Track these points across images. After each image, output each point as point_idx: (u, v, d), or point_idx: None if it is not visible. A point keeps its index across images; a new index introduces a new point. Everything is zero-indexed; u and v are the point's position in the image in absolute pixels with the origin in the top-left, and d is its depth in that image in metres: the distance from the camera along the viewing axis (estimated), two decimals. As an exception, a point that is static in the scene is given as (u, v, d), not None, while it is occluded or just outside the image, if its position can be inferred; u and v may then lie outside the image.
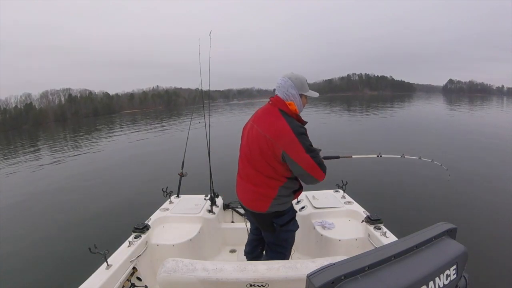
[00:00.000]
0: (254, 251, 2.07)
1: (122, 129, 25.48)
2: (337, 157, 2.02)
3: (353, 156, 2.08)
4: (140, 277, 1.97)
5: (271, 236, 1.77)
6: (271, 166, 1.57)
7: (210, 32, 2.73)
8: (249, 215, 1.89)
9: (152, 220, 2.37)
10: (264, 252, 2.03)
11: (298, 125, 1.56)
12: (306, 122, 1.67)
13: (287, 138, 1.50)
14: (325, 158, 1.81)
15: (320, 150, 1.72)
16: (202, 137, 2.87)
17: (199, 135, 3.11)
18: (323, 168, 1.56)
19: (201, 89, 3.03)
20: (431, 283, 0.79)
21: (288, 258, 1.90)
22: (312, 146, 1.57)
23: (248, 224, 2.68)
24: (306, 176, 1.57)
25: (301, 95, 1.64)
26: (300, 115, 1.69)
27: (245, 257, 2.15)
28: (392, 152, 2.26)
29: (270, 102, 1.66)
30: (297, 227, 1.84)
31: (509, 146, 8.66)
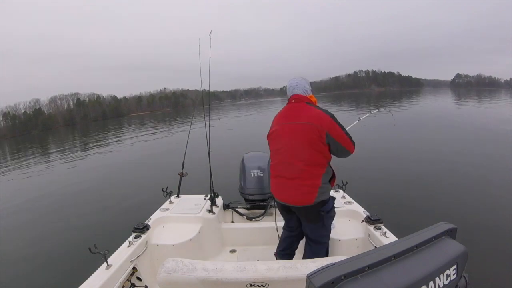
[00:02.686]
0: (290, 247, 2.08)
1: (130, 131, 25.66)
2: None
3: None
4: (140, 277, 1.97)
5: (316, 227, 1.87)
6: (318, 151, 1.76)
7: (210, 32, 2.74)
8: (286, 212, 1.96)
9: (152, 220, 2.36)
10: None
11: (327, 111, 1.84)
12: None
13: (327, 121, 1.77)
14: None
15: None
16: (202, 138, 2.88)
17: (199, 135, 3.11)
18: (353, 142, 1.86)
19: (202, 89, 3.04)
20: (431, 283, 0.79)
21: (329, 248, 1.97)
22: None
23: (248, 224, 2.68)
24: (343, 150, 1.82)
25: None
26: None
27: (247, 257, 2.12)
28: None
29: (293, 100, 1.88)
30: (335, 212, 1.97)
31: (509, 143, 8.61)
